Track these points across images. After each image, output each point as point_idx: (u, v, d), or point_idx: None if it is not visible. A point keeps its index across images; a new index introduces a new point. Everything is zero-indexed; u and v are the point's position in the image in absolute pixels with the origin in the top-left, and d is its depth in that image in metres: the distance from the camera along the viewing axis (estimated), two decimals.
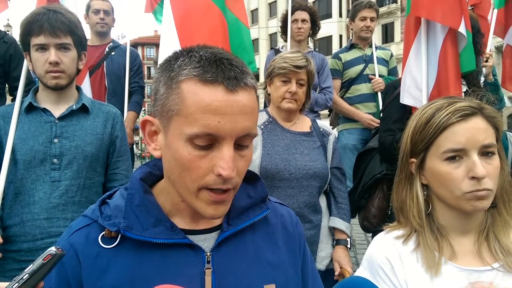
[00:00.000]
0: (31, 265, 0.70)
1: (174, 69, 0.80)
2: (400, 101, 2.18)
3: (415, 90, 2.15)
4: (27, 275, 0.69)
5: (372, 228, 2.31)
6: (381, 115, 2.36)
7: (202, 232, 0.90)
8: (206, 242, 0.89)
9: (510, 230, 1.09)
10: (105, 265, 0.83)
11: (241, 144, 0.81)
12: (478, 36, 2.12)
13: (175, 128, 0.79)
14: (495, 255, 1.08)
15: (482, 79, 3.15)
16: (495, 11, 3.47)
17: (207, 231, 0.91)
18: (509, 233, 1.08)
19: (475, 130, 1.06)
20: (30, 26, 1.69)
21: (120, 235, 0.84)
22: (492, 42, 3.65)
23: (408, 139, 1.18)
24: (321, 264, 2.04)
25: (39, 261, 0.70)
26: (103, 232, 0.85)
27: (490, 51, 3.45)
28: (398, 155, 1.24)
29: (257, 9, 41.18)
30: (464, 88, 2.12)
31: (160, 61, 2.28)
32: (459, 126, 1.07)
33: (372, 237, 2.36)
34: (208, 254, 0.87)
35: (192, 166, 0.78)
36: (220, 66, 0.78)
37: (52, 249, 0.71)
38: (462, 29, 2.04)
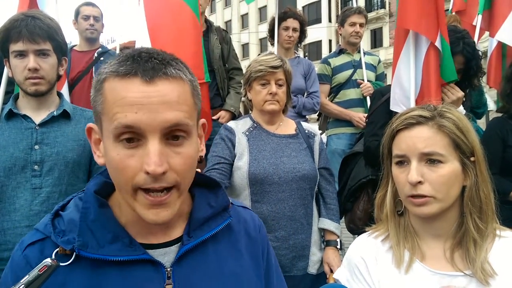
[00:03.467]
0: (27, 275, 0.71)
1: (100, 72, 0.79)
2: (390, 108, 2.20)
3: (404, 98, 2.20)
4: (23, 285, 0.70)
5: (358, 230, 2.33)
6: (367, 120, 2.38)
7: (162, 246, 0.86)
8: (167, 256, 0.86)
9: (477, 243, 1.10)
10: (61, 283, 0.79)
11: (174, 138, 0.77)
12: None
13: (104, 130, 0.78)
14: (465, 263, 1.10)
15: None
16: (479, 16, 3.50)
17: (167, 245, 0.87)
18: (477, 245, 1.10)
19: (416, 138, 1.12)
20: (9, 33, 1.67)
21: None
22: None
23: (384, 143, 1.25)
24: (313, 268, 2.03)
25: (35, 272, 0.71)
26: (57, 249, 0.80)
27: None
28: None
29: (247, 13, 41.33)
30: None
31: None
32: (403, 134, 1.16)
33: None
34: (169, 269, 0.84)
35: (121, 166, 0.75)
36: (136, 59, 0.77)
37: (48, 261, 0.73)
38: (438, 43, 2.11)
